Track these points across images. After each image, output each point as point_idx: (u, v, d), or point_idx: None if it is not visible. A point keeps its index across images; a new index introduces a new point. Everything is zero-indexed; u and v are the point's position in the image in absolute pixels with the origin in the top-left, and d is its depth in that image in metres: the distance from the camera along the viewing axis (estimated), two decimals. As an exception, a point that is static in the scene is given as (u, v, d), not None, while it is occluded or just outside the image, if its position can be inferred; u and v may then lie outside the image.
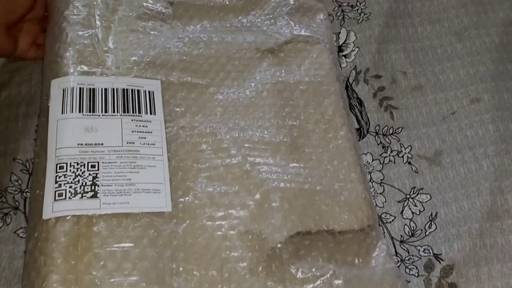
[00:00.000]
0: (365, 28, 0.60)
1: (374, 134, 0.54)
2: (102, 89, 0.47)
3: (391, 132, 0.54)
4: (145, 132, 0.46)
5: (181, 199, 0.43)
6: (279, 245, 0.42)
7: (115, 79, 0.48)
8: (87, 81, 0.47)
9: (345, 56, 0.58)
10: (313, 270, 0.42)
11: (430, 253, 0.48)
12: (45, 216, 0.40)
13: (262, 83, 0.51)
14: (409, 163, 0.52)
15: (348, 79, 0.57)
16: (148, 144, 0.45)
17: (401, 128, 0.54)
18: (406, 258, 0.48)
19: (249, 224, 0.43)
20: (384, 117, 0.55)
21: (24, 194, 0.47)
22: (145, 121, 0.46)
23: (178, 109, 0.48)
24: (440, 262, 0.47)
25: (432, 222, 0.49)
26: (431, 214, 0.50)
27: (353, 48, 0.59)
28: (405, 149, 0.53)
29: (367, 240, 0.45)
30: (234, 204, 0.43)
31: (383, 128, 0.55)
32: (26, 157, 0.49)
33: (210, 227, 0.42)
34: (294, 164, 0.47)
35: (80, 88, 0.46)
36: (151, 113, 0.47)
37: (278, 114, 0.50)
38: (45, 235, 0.39)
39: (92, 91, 0.46)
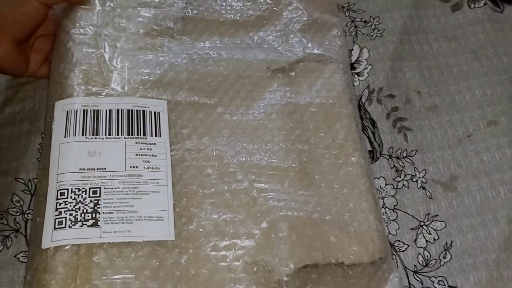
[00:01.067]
0: (378, 45, 0.57)
1: (388, 157, 0.51)
2: (106, 111, 0.45)
3: (405, 155, 0.51)
4: (150, 155, 0.43)
5: (185, 227, 0.41)
6: (285, 278, 0.39)
7: (120, 99, 0.46)
8: (92, 102, 0.45)
9: (357, 74, 0.56)
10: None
11: (445, 284, 0.45)
12: (44, 245, 0.38)
13: (272, 104, 0.49)
14: (423, 188, 0.50)
15: (360, 98, 0.54)
16: (152, 168, 0.43)
17: (415, 151, 0.52)
18: None
19: (254, 255, 0.40)
20: (398, 139, 0.52)
21: (26, 215, 0.45)
22: (149, 143, 0.44)
23: (184, 131, 0.46)
24: None
25: (447, 252, 0.46)
26: (446, 243, 0.47)
27: (366, 66, 0.56)
28: (419, 173, 0.50)
29: (378, 274, 0.42)
30: (239, 233, 0.41)
31: (396, 151, 0.52)
32: (28, 177, 0.47)
33: (214, 257, 0.40)
34: (303, 192, 0.44)
35: (84, 110, 0.44)
36: (156, 135, 0.45)
37: (287, 137, 0.47)
38: (43, 266, 0.37)
39: (97, 113, 0.44)
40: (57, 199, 0.40)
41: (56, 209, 0.39)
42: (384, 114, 0.54)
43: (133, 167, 0.42)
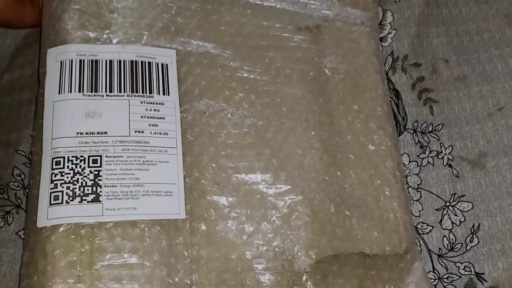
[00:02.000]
0: (403, 8, 0.50)
1: (412, 131, 0.46)
2: (106, 62, 0.38)
3: (430, 129, 0.47)
4: (157, 118, 0.37)
5: (196, 204, 0.35)
6: (304, 268, 0.35)
7: (122, 48, 0.39)
8: (89, 50, 0.38)
9: (380, 39, 0.49)
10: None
11: (471, 271, 0.41)
12: (40, 223, 0.32)
13: (293, 63, 0.43)
14: (450, 165, 0.45)
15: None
16: (160, 133, 0.37)
17: (441, 125, 0.47)
18: (445, 276, 0.41)
19: (272, 241, 0.36)
20: (423, 112, 0.47)
21: (27, 190, 0.39)
22: (156, 103, 0.38)
23: (196, 89, 0.39)
24: (482, 283, 0.41)
25: (474, 235, 0.43)
26: (473, 225, 0.43)
27: (390, 31, 0.50)
28: (445, 149, 0.46)
29: (400, 264, 0.39)
30: (256, 215, 0.36)
31: (421, 125, 0.47)
32: (29, 149, 0.40)
33: (229, 240, 0.35)
34: (324, 172, 0.39)
35: (80, 61, 0.37)
36: (164, 93, 0.38)
37: (309, 107, 0.41)
38: (39, 247, 0.32)
39: (95, 64, 0.37)
40: (52, 169, 0.34)
41: (52, 181, 0.33)
42: (409, 84, 0.48)
43: (138, 131, 0.36)
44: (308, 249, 0.36)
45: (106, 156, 0.35)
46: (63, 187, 0.33)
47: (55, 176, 0.33)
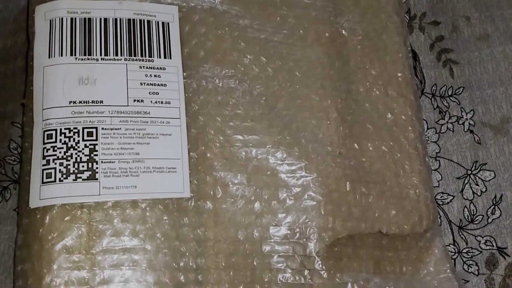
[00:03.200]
0: (420, -39, 0.45)
1: (430, 95, 0.42)
2: (101, 20, 0.33)
3: (450, 93, 0.42)
4: (158, 84, 0.33)
5: (202, 182, 0.32)
6: (316, 252, 0.32)
7: (118, 4, 0.34)
8: (81, 7, 0.33)
9: (396, -5, 0.44)
10: (356, 283, 0.32)
11: (492, 245, 0.38)
12: (32, 204, 0.29)
13: (308, 23, 0.38)
14: (471, 131, 0.41)
15: (400, 24, 0.43)
16: (162, 102, 0.33)
17: (462, 88, 0.42)
18: (464, 251, 0.38)
19: (282, 221, 0.32)
20: (443, 75, 0.43)
21: None
22: (157, 68, 0.33)
23: (200, 51, 0.35)
24: (505, 258, 0.38)
25: (496, 207, 0.39)
26: (495, 196, 0.39)
27: (406, -15, 0.45)
28: (466, 114, 0.42)
29: (420, 244, 0.36)
30: (265, 193, 0.33)
31: (441, 89, 0.42)
32: None
33: (237, 221, 0.32)
34: (341, 144, 0.35)
35: (72, 20, 0.32)
36: (165, 56, 0.34)
37: (324, 72, 0.37)
38: (33, 230, 0.29)
39: (88, 23, 0.33)
40: (44, 143, 0.30)
41: (44, 157, 0.29)
42: (427, 44, 0.43)
43: (138, 100, 0.32)
44: (321, 231, 0.32)
45: (102, 129, 0.31)
46: (55, 164, 0.29)
47: (47, 151, 0.30)
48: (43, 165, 0.29)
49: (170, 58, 0.34)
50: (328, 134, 0.35)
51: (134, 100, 0.32)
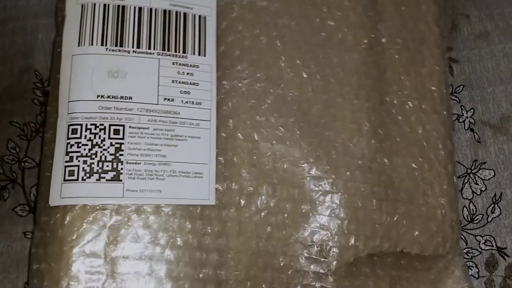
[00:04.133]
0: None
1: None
2: (135, 9, 0.31)
3: (450, 91, 0.41)
4: (190, 83, 0.31)
5: (228, 190, 0.30)
6: (335, 269, 0.31)
7: (153, -8, 0.31)
8: (115, -8, 0.31)
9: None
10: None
11: (492, 245, 0.37)
12: (52, 201, 0.27)
13: (347, 29, 0.35)
14: (471, 130, 0.40)
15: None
16: (193, 103, 0.31)
17: (462, 87, 0.41)
18: (464, 251, 0.37)
19: (303, 236, 0.31)
20: (443, 73, 0.41)
21: (23, 164, 0.33)
22: (190, 65, 0.31)
23: (236, 49, 0.33)
24: (504, 259, 0.37)
25: (496, 205, 0.38)
26: (495, 195, 0.38)
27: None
28: (466, 112, 0.40)
29: (440, 264, 0.34)
30: (292, 206, 0.31)
31: (441, 86, 0.41)
32: (24, 120, 0.34)
33: (259, 232, 0.30)
34: (371, 157, 0.33)
35: (105, 6, 0.30)
36: (199, 53, 0.32)
37: (360, 81, 0.35)
38: (51, 230, 0.27)
39: (122, 12, 0.30)
40: (68, 138, 0.28)
41: (67, 153, 0.28)
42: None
43: (168, 99, 0.30)
44: (342, 250, 0.31)
45: (130, 127, 0.29)
46: (79, 161, 0.28)
47: (70, 147, 0.28)
48: (66, 162, 0.28)
49: (205, 56, 0.32)
50: (359, 146, 0.34)
51: (165, 99, 0.30)
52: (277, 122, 0.32)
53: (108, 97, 0.29)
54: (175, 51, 0.31)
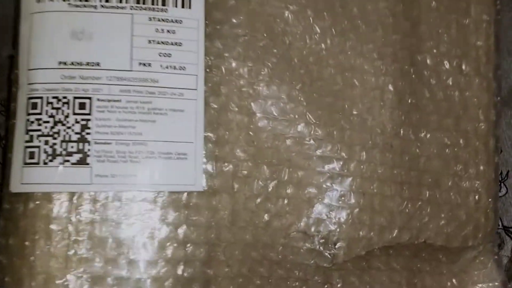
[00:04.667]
0: None
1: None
2: (104, -50, 0.25)
3: None
4: (172, 43, 0.25)
5: (219, 172, 0.26)
6: (342, 263, 0.26)
7: None
8: None
9: None
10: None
11: (498, 225, 0.32)
12: (13, 187, 0.24)
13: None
14: None
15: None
16: (175, 67, 0.25)
17: None
18: None
19: (307, 226, 0.26)
20: None
21: (3, 142, 0.30)
22: (172, 20, 0.26)
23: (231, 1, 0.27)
24: (511, 238, 0.34)
25: (502, 184, 0.34)
26: (501, 173, 0.34)
27: None
28: None
29: (467, 256, 0.29)
30: (292, 190, 0.26)
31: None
32: (5, 96, 0.29)
33: (257, 222, 0.26)
34: (394, 131, 0.28)
35: (64, -51, 0.24)
36: (183, 5, 0.26)
37: (387, 35, 0.29)
38: (13, 219, 0.24)
39: (86, -45, 0.25)
40: (28, 113, 0.24)
41: (27, 131, 0.24)
42: None
43: (144, 64, 0.25)
44: (351, 242, 0.27)
45: (98, 100, 0.24)
46: (40, 141, 0.24)
47: (30, 124, 0.24)
48: (26, 142, 0.24)
49: (190, 7, 0.26)
50: (380, 119, 0.28)
51: (140, 64, 0.25)
52: (280, 89, 0.27)
53: (72, 64, 0.24)
54: (152, 3, 0.25)
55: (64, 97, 0.24)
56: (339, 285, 0.27)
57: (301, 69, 0.27)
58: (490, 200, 0.29)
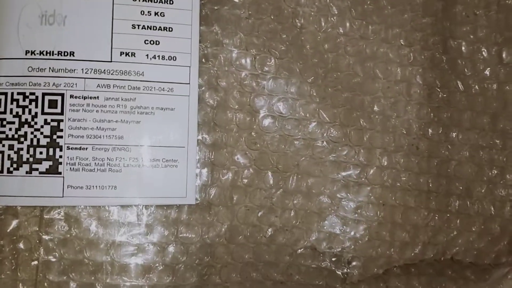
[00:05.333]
0: None
1: None
2: None
3: None
4: (160, 28, 0.21)
5: (214, 181, 0.22)
6: (356, 282, 0.23)
7: None
8: None
9: None
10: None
11: None
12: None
13: None
14: None
15: None
16: (164, 58, 0.21)
17: None
18: None
19: (317, 241, 0.23)
20: None
21: None
22: (161, 1, 0.21)
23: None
24: None
25: None
26: None
27: None
28: None
29: (499, 272, 0.26)
30: (301, 200, 0.23)
31: None
32: None
33: (255, 237, 0.22)
34: (421, 130, 0.24)
35: None
36: (175, -19, 0.22)
37: (417, 18, 0.25)
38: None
39: None
40: (-13, 114, 0.20)
41: (-15, 136, 0.20)
42: None
43: (127, 54, 0.21)
44: (367, 261, 0.23)
45: (71, 96, 0.20)
46: (3, 146, 0.20)
47: (-10, 126, 0.20)
48: (-13, 146, 0.20)
49: (183, -16, 0.21)
50: (405, 117, 0.24)
51: (122, 53, 0.21)
52: (288, 83, 0.23)
53: (41, 53, 0.20)
54: (138, -20, 0.21)
55: (32, 93, 0.20)
56: (352, 308, 0.23)
57: (314, 58, 0.23)
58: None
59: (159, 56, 0.21)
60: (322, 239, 0.23)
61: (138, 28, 0.21)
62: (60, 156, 0.20)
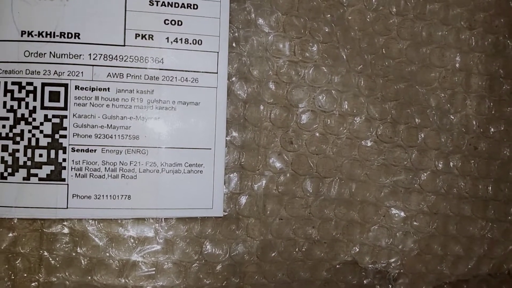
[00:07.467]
0: None
1: None
2: None
3: None
4: (182, 6, 0.17)
5: (244, 188, 0.19)
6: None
7: None
8: None
9: None
10: None
11: None
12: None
13: None
14: None
15: None
16: (187, 42, 0.18)
17: None
18: None
19: (358, 255, 0.20)
20: None
21: None
22: (184, -29, 0.17)
23: None
24: None
25: None
26: None
27: None
28: None
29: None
30: (342, 210, 0.20)
31: None
32: None
33: (290, 252, 0.19)
34: (482, 130, 0.21)
35: None
36: None
37: (479, 4, 0.20)
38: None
39: None
40: (-25, 109, 0.16)
41: (-25, 135, 0.16)
42: None
43: (143, 37, 0.17)
44: (416, 277, 0.20)
45: (76, 88, 0.17)
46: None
47: (-20, 123, 0.16)
48: (-22, 147, 0.16)
49: (210, -48, 0.18)
50: (464, 113, 0.20)
51: (137, 36, 0.17)
52: (332, 72, 0.19)
53: (40, 34, 0.16)
54: None
55: (29, 83, 0.16)
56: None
57: (363, 43, 0.19)
58: None
59: (181, 39, 0.17)
60: (365, 253, 0.20)
61: (157, 4, 0.17)
62: (64, 160, 0.17)
